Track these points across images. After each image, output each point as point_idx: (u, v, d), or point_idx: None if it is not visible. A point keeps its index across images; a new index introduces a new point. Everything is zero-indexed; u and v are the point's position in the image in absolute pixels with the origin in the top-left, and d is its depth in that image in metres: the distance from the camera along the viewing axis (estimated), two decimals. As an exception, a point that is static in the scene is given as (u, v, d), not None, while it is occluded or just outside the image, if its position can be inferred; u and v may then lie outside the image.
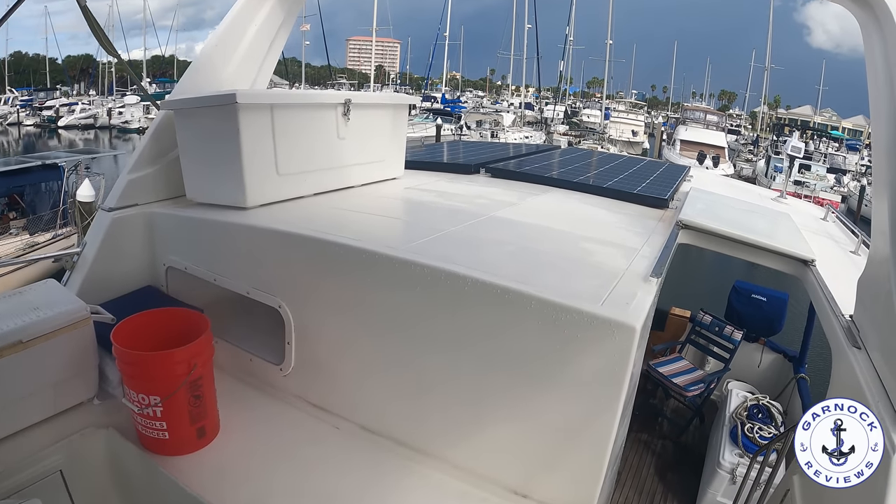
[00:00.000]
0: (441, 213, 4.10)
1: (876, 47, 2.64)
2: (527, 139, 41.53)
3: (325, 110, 4.24)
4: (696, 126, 46.87)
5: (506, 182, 5.61)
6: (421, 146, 8.45)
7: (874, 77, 2.65)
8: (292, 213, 3.77)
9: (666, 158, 41.91)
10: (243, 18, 4.28)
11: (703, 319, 6.78)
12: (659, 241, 3.71)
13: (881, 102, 2.54)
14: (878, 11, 2.64)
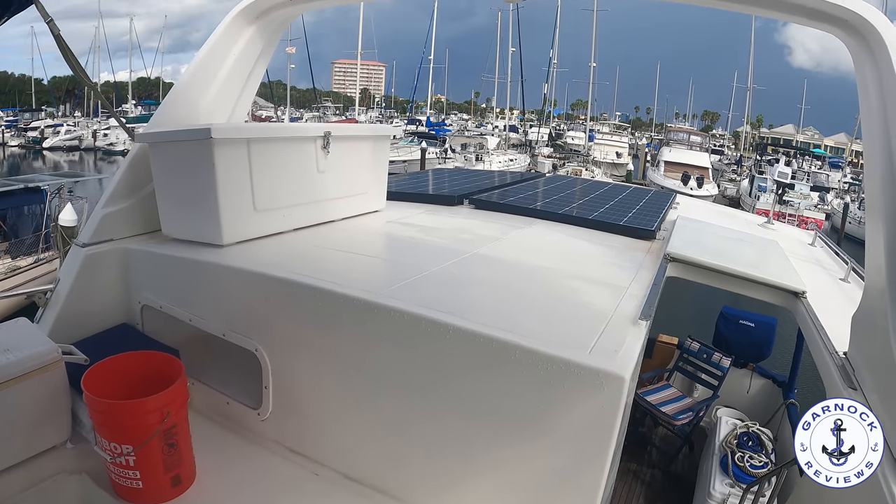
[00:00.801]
0: (422, 251, 4.02)
1: (869, 77, 2.61)
2: (511, 162, 41.70)
3: (304, 143, 4.16)
4: (679, 147, 47.19)
5: (489, 214, 5.55)
6: (404, 173, 8.39)
7: (867, 107, 2.62)
8: (270, 251, 3.68)
9: (650, 180, 42.26)
10: (221, 48, 4.19)
11: (691, 346, 6.73)
12: (647, 276, 3.65)
13: (875, 133, 2.50)
14: (870, 41, 2.62)
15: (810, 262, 5.41)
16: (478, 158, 38.74)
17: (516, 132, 62.68)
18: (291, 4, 4.16)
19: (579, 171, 39.49)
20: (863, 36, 2.67)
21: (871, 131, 2.56)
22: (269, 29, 4.40)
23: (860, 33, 2.68)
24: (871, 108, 2.55)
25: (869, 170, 2.58)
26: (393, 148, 46.02)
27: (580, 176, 37.81)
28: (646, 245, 4.63)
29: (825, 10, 2.73)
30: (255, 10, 4.23)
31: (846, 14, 2.67)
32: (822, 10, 2.74)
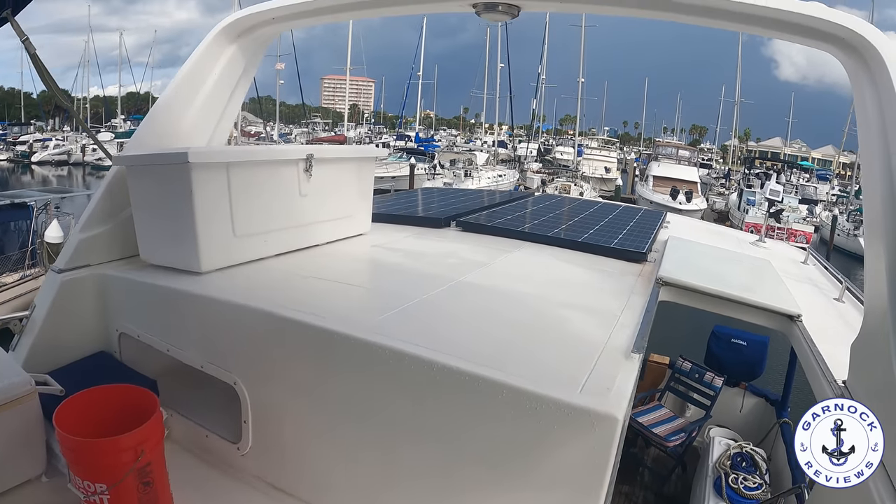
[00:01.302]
0: (408, 279, 3.92)
1: (867, 96, 2.53)
2: (500, 178, 41.71)
3: (286, 167, 4.08)
4: (668, 162, 47.43)
5: (477, 237, 5.46)
6: (392, 192, 8.31)
7: (865, 126, 2.54)
8: (250, 279, 3.59)
9: (639, 195, 42.46)
10: (202, 67, 4.10)
11: (683, 366, 6.67)
12: (639, 302, 3.57)
13: (874, 153, 2.42)
14: (868, 59, 2.54)
15: (804, 282, 5.36)
16: (467, 174, 38.70)
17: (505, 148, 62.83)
18: (274, 23, 4.07)
19: (568, 186, 39.54)
20: (860, 54, 2.60)
21: (869, 151, 2.49)
22: (251, 47, 4.32)
23: (857, 51, 2.61)
24: (870, 128, 2.48)
25: (868, 190, 2.50)
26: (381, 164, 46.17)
27: (569, 191, 37.92)
28: (637, 268, 4.57)
29: (820, 28, 2.67)
30: (236, 28, 4.14)
31: (842, 31, 2.60)
32: (817, 28, 2.68)
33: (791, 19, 2.71)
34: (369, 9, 3.74)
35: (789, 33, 2.82)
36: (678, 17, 3.03)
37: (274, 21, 4.06)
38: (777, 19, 2.76)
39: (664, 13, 3.05)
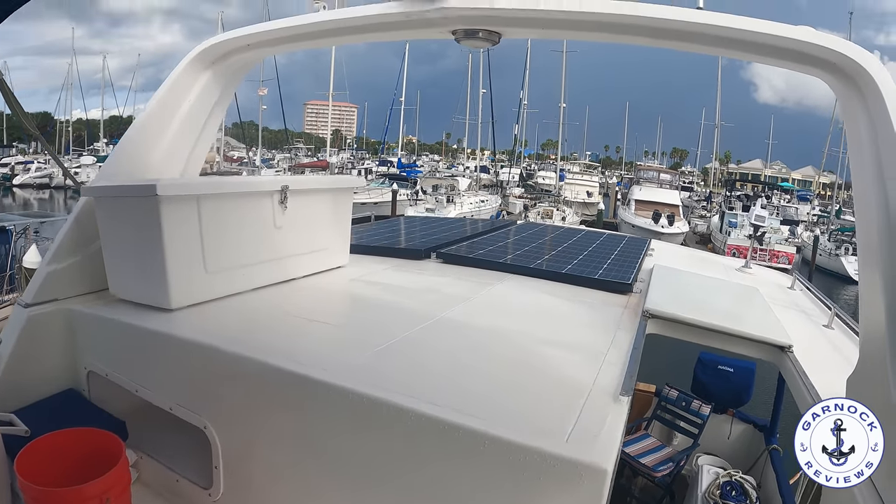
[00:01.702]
0: (386, 316, 3.80)
1: (861, 123, 2.46)
2: (483, 203, 41.75)
3: (260, 198, 3.98)
4: (650, 185, 47.78)
5: (457, 269, 5.34)
6: (371, 220, 8.19)
7: (859, 154, 2.47)
8: (222, 317, 3.48)
9: (621, 219, 42.70)
10: (175, 95, 4.00)
11: (669, 395, 6.58)
12: (626, 337, 3.48)
13: (868, 182, 2.36)
14: (861, 86, 2.47)
15: (792, 309, 5.30)
16: (449, 200, 38.63)
17: (487, 173, 63.03)
18: (249, 49, 3.99)
19: (550, 211, 39.61)
20: (853, 80, 2.53)
21: (863, 180, 2.42)
22: (226, 74, 4.22)
23: (850, 77, 2.54)
24: (864, 156, 2.41)
25: (863, 220, 2.43)
26: (363, 190, 46.10)
27: (551, 216, 37.99)
28: (622, 300, 4.48)
29: (811, 52, 2.60)
30: (211, 55, 4.05)
31: (834, 57, 2.53)
32: (808, 52, 2.61)
33: (780, 44, 2.65)
34: (347, 35, 3.69)
35: (778, 58, 2.75)
36: (664, 43, 2.99)
37: (249, 48, 3.98)
38: (766, 44, 2.69)
39: (649, 39, 3.00)
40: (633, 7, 2.81)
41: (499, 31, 3.21)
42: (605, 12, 2.86)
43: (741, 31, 2.66)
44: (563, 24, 3.09)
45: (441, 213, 35.85)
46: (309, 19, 3.56)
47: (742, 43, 2.75)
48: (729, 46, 2.82)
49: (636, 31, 2.96)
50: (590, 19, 2.95)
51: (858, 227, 2.52)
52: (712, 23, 2.70)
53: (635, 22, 2.86)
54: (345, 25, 3.50)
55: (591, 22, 2.98)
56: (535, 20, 3.08)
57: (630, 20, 2.86)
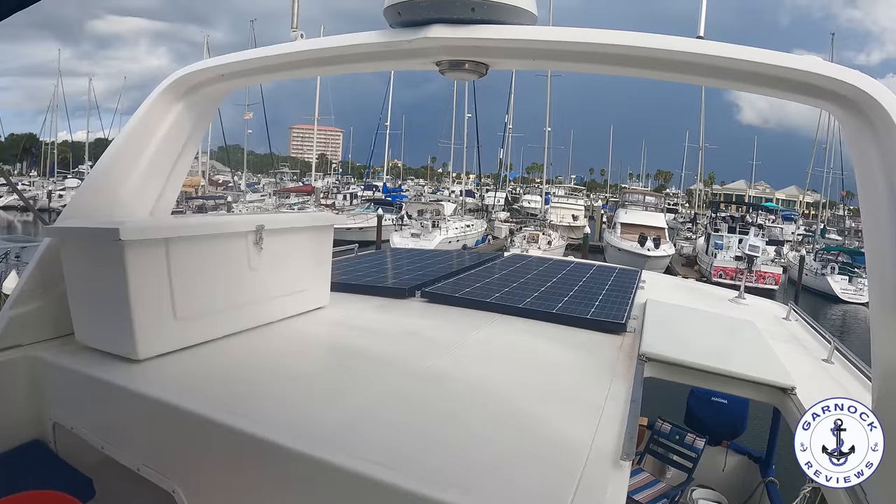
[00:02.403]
0: (369, 367, 3.54)
1: (873, 159, 2.30)
2: (468, 228, 41.65)
3: (233, 240, 3.76)
4: (635, 208, 47.89)
5: (443, 309, 5.09)
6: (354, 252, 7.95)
7: (871, 191, 2.32)
8: (192, 369, 3.24)
9: (607, 242, 42.79)
10: (146, 127, 3.79)
11: (662, 428, 6.40)
12: (622, 386, 3.27)
13: (883, 224, 2.20)
14: (874, 119, 2.30)
15: (789, 341, 5.14)
16: (434, 225, 38.48)
17: (473, 197, 63.01)
18: (224, 80, 3.80)
19: (536, 235, 39.53)
20: (863, 112, 2.36)
21: (877, 220, 2.26)
22: (200, 105, 4.01)
23: (860, 110, 2.37)
24: (878, 195, 2.25)
25: (877, 262, 2.26)
26: (349, 214, 46.04)
27: (537, 240, 37.91)
28: (617, 340, 4.29)
29: (818, 84, 2.43)
30: (183, 85, 3.86)
31: (843, 88, 2.36)
32: (815, 84, 2.44)
33: (786, 75, 2.48)
34: (326, 66, 3.52)
35: (783, 90, 2.58)
36: (662, 75, 2.82)
37: (223, 78, 3.79)
38: (770, 76, 2.53)
39: (645, 71, 2.83)
40: (628, 37, 2.64)
41: (486, 63, 3.04)
42: (598, 42, 2.69)
43: (744, 61, 2.49)
44: (555, 54, 2.92)
45: (426, 238, 35.75)
46: (285, 49, 3.38)
47: (745, 74, 2.58)
48: (732, 78, 2.66)
49: (631, 63, 2.79)
50: (582, 49, 2.78)
51: (871, 267, 2.36)
52: (714, 53, 2.53)
53: (630, 52, 2.69)
54: (323, 56, 3.34)
55: (583, 53, 2.81)
56: (525, 51, 2.90)
57: (624, 51, 2.68)
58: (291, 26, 3.43)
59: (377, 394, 3.02)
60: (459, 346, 3.96)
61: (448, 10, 2.68)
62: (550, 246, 37.35)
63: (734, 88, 2.82)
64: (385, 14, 2.83)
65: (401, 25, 2.84)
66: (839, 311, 34.15)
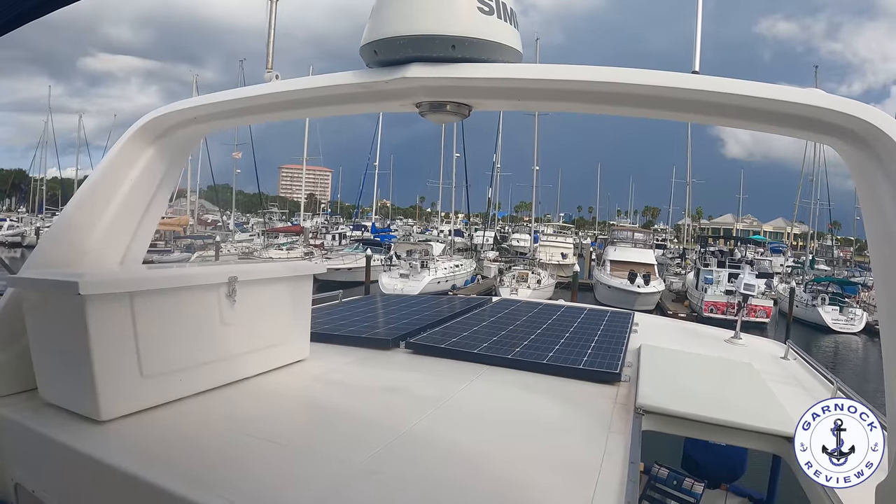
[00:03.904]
0: (348, 430, 3.31)
1: (884, 195, 2.13)
2: (457, 268, 41.46)
3: (204, 292, 3.57)
4: (624, 245, 48.03)
5: (429, 362, 4.85)
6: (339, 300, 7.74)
7: (881, 230, 2.16)
8: (159, 432, 3.04)
9: (596, 279, 42.77)
10: (115, 173, 3.63)
11: (659, 473, 6.18)
12: (619, 444, 3.08)
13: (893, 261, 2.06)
14: (881, 153, 2.14)
15: (789, 382, 4.98)
16: (423, 266, 38.28)
17: (462, 236, 62.99)
18: (197, 122, 3.65)
19: (526, 274, 39.38)
20: (870, 147, 2.20)
21: (886, 262, 2.13)
22: (173, 148, 3.86)
23: (867, 144, 2.22)
24: (889, 233, 2.10)
25: (887, 302, 2.12)
26: (337, 255, 45.85)
27: (526, 279, 37.76)
28: (611, 391, 4.10)
29: (821, 118, 2.28)
30: (154, 129, 3.70)
31: (848, 122, 2.21)
32: (818, 118, 2.29)
33: (786, 110, 2.33)
34: (302, 108, 3.37)
35: (782, 126, 2.43)
36: (654, 113, 2.65)
37: (196, 121, 3.63)
38: (769, 111, 2.38)
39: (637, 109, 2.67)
40: (619, 73, 2.49)
41: (469, 104, 2.89)
42: (588, 80, 2.54)
43: (743, 97, 2.34)
44: (542, 93, 2.77)
45: (415, 278, 35.59)
46: (259, 90, 3.23)
47: (744, 110, 2.42)
48: (730, 115, 2.50)
49: (624, 101, 2.63)
50: (571, 88, 2.63)
51: (883, 312, 2.19)
52: (711, 89, 2.37)
53: (622, 90, 2.54)
54: (299, 98, 3.19)
55: (572, 91, 2.66)
56: (510, 90, 2.75)
57: (616, 88, 2.53)
58: (266, 67, 3.31)
59: (352, 465, 2.79)
60: (444, 404, 3.75)
61: (427, 49, 2.54)
62: (540, 285, 37.24)
63: (732, 126, 2.64)
64: (361, 53, 2.70)
65: (378, 65, 2.69)
66: (831, 342, 34.15)
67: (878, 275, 2.25)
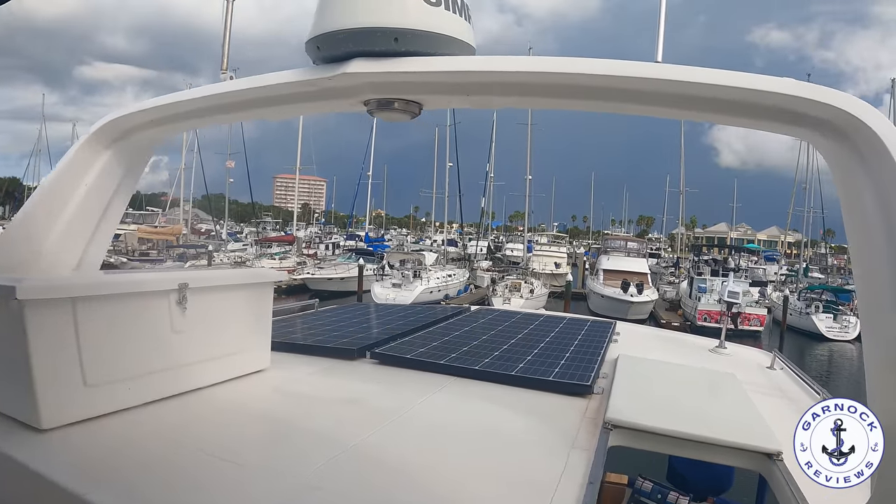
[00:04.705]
0: (294, 446, 3.17)
1: (866, 197, 2.01)
2: (450, 277, 41.51)
3: (152, 299, 3.44)
4: (617, 254, 48.07)
5: (393, 372, 4.71)
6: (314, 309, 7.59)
7: (865, 237, 2.04)
8: (103, 444, 2.90)
9: (590, 289, 42.70)
10: (70, 177, 3.54)
11: (643, 487, 6.03)
12: (580, 463, 2.93)
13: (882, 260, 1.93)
14: (862, 146, 2.02)
15: (774, 394, 4.83)
16: (416, 275, 38.16)
17: (455, 246, 62.89)
18: (154, 125, 3.55)
19: (518, 283, 39.25)
20: (850, 140, 2.07)
21: (874, 266, 1.99)
22: (131, 152, 3.76)
23: (846, 136, 2.08)
24: (873, 236, 1.97)
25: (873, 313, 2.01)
26: (330, 264, 45.73)
27: (519, 288, 37.63)
28: (581, 404, 3.95)
29: (795, 108, 2.13)
30: (111, 132, 3.61)
31: (826, 112, 2.07)
32: (792, 109, 2.14)
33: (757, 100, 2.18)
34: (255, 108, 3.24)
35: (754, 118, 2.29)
36: (614, 106, 2.51)
37: (153, 124, 3.53)
38: (738, 101, 2.23)
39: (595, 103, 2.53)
40: (576, 64, 2.34)
41: (418, 101, 2.75)
42: (542, 71, 2.41)
43: (710, 86, 2.19)
44: (491, 88, 2.62)
45: (407, 288, 35.55)
46: (212, 90, 3.15)
47: (711, 102, 2.28)
48: (696, 107, 2.35)
49: (582, 94, 2.50)
50: (524, 81, 2.49)
51: (866, 320, 2.06)
52: (675, 78, 2.22)
53: (579, 82, 2.40)
54: (251, 97, 3.08)
55: (526, 85, 2.53)
56: (459, 85, 2.62)
57: (573, 80, 2.40)
58: (221, 68, 3.23)
59: (295, 481, 2.66)
60: (400, 417, 3.60)
61: (369, 42, 2.42)
62: (533, 294, 37.12)
63: (701, 119, 2.49)
64: (307, 50, 2.59)
65: (323, 61, 2.58)
66: (825, 350, 34.12)
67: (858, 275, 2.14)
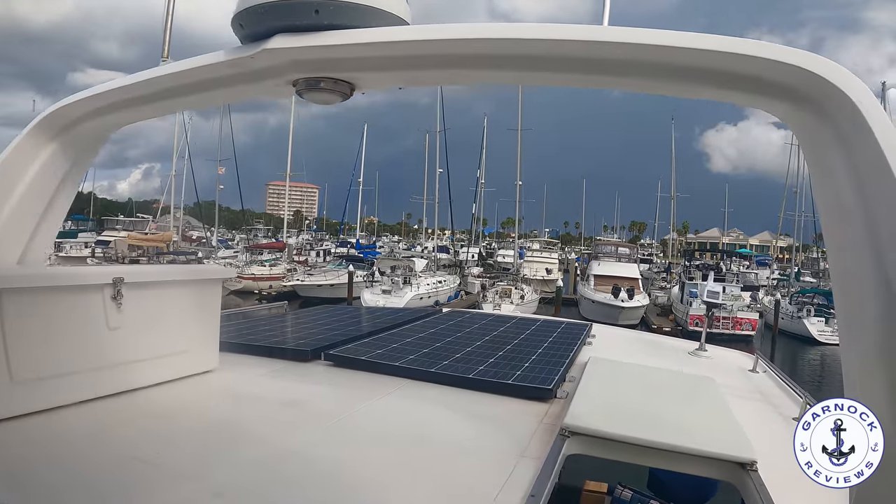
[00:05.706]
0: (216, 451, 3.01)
1: (837, 166, 1.82)
2: (441, 283, 41.64)
3: (85, 293, 3.33)
4: (608, 260, 48.10)
5: (346, 374, 4.57)
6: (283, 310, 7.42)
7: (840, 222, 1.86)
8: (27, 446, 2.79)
9: (581, 294, 42.73)
10: (11, 169, 3.36)
11: (623, 495, 5.87)
12: (527, 471, 2.75)
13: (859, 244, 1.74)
14: (839, 118, 1.78)
15: (754, 397, 4.67)
16: (406, 282, 38.00)
17: (447, 252, 62.79)
18: (100, 115, 3.37)
19: (509, 289, 39.18)
20: (822, 109, 1.84)
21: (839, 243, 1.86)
22: (77, 144, 3.58)
23: (818, 105, 1.84)
24: (849, 221, 1.78)
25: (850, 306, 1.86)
26: (320, 272, 45.54)
27: (510, 294, 37.54)
28: (541, 409, 3.78)
29: (759, 73, 1.88)
30: (56, 123, 3.43)
31: (794, 76, 1.82)
32: (754, 74, 1.89)
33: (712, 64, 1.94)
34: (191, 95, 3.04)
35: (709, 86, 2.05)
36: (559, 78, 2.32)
37: (99, 113, 3.35)
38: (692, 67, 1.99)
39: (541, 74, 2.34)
40: (516, 29, 2.15)
41: (348, 80, 2.53)
42: (474, 38, 2.20)
43: (660, 48, 1.94)
44: (427, 61, 2.40)
45: (397, 294, 35.49)
46: (148, 75, 2.98)
47: (663, 68, 2.03)
48: (647, 74, 2.11)
49: (522, 65, 2.29)
50: (461, 52, 2.28)
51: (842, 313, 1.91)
52: (622, 40, 1.98)
53: (517, 51, 2.19)
54: (185, 82, 2.90)
55: (463, 56, 2.31)
56: (388, 60, 2.40)
57: (515, 48, 2.17)
58: (162, 56, 3.06)
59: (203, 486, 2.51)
60: (341, 421, 3.46)
61: (289, 16, 2.22)
62: (524, 300, 37.08)
63: (655, 91, 2.27)
64: (233, 30, 2.40)
65: (246, 39, 2.39)
66: (817, 354, 34.11)
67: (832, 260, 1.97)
